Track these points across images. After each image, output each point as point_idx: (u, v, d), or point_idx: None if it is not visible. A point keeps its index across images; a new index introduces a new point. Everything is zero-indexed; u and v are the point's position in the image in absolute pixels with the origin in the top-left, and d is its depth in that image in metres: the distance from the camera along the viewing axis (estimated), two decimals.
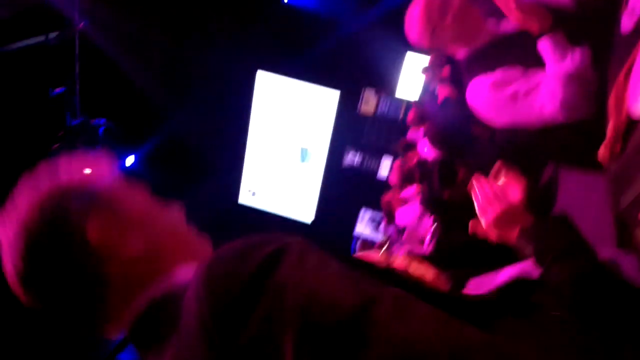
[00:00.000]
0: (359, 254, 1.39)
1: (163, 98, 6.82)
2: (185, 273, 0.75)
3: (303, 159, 7.63)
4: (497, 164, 1.34)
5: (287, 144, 7.61)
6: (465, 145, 3.42)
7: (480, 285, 1.28)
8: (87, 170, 0.84)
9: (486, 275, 1.33)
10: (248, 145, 7.73)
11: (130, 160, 6.99)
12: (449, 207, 3.22)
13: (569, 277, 0.99)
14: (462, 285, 1.32)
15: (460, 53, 1.73)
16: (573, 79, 1.37)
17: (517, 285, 1.15)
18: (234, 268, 0.63)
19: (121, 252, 0.76)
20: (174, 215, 0.88)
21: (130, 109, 6.53)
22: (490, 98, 1.57)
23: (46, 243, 0.74)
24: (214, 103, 7.07)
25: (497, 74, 1.56)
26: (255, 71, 7.27)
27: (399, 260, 1.30)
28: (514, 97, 1.51)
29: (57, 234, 0.75)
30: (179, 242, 0.84)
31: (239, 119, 7.48)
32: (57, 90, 4.73)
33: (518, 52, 1.57)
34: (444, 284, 1.29)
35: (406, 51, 6.42)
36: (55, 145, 5.17)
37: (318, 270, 0.64)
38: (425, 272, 1.28)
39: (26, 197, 0.77)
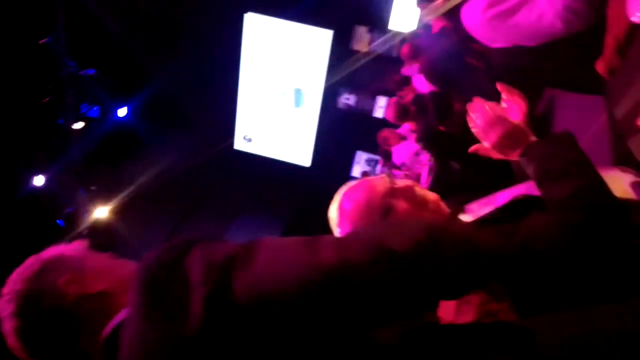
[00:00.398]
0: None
1: (152, 48, 6.67)
2: None
3: (297, 102, 7.56)
4: (497, 86, 1.32)
5: (280, 87, 7.51)
6: (461, 77, 3.38)
7: (480, 208, 1.30)
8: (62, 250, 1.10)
9: (485, 199, 1.35)
10: (240, 91, 7.63)
11: (122, 111, 6.92)
12: (446, 141, 3.22)
13: (571, 195, 1.00)
14: (462, 209, 1.34)
15: None
16: None
17: (516, 204, 1.16)
18: (158, 258, 0.86)
19: (88, 293, 1.02)
20: (128, 265, 1.11)
21: (119, 60, 6.39)
22: (487, 16, 1.53)
23: (36, 304, 1.00)
24: (204, 50, 6.92)
25: None
26: (244, 14, 7.07)
27: (402, 181, 1.32)
28: (511, 11, 1.48)
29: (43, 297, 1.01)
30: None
31: (229, 64, 7.34)
32: (44, 40, 4.61)
33: None
34: (444, 209, 1.31)
35: None
36: (46, 99, 5.10)
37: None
38: (428, 193, 1.31)
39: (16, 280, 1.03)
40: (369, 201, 1.25)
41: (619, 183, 1.13)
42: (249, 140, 8.00)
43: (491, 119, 1.23)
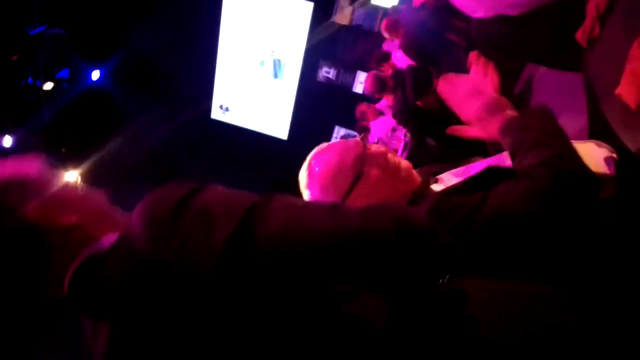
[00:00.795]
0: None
1: (128, 10, 6.45)
2: (110, 239, 0.89)
3: (276, 74, 7.45)
4: (470, 56, 1.30)
5: (259, 57, 7.39)
6: (441, 53, 3.35)
7: (452, 178, 1.29)
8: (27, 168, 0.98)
9: (457, 169, 1.34)
10: (218, 60, 7.48)
11: (95, 74, 6.74)
12: (422, 117, 3.20)
13: (542, 162, 0.99)
14: (434, 179, 1.33)
15: None
16: None
17: (488, 174, 1.15)
18: (163, 196, 0.83)
19: (57, 224, 0.91)
20: (100, 197, 1.03)
21: (93, 22, 6.18)
22: None
23: None
24: (182, 13, 6.74)
25: None
26: None
27: (376, 147, 1.30)
28: None
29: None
30: (104, 216, 0.98)
31: (208, 30, 7.17)
32: None
33: None
34: (415, 177, 1.30)
35: None
36: (15, 57, 4.92)
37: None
38: (401, 161, 1.29)
39: None
40: (340, 165, 1.23)
41: (593, 157, 1.13)
42: (226, 109, 7.88)
43: (469, 91, 1.22)
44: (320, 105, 7.21)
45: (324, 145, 1.33)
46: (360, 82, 6.85)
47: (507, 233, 0.98)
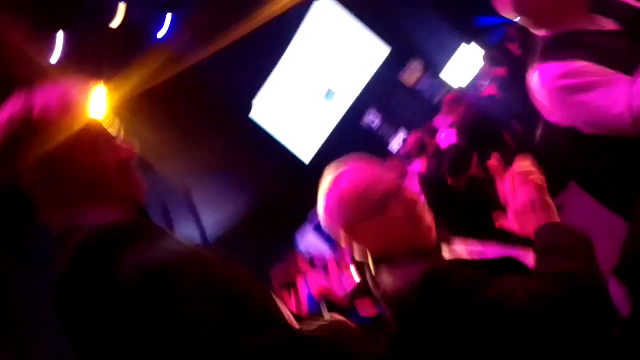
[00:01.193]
0: None
1: None
2: (98, 216, 0.93)
3: (327, 99, 7.48)
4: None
5: (317, 79, 7.43)
6: (489, 144, 3.33)
7: (467, 249, 1.23)
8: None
9: (474, 242, 1.27)
10: (279, 64, 7.49)
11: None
12: (444, 193, 3.17)
13: (566, 273, 0.95)
14: (448, 243, 1.27)
15: (541, 32, 1.61)
16: None
17: (508, 263, 1.10)
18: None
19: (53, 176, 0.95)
20: (114, 157, 1.01)
21: None
22: (559, 84, 1.46)
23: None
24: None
25: (573, 64, 1.44)
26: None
27: (411, 191, 1.25)
28: (587, 87, 1.40)
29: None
30: (106, 182, 0.98)
31: (281, 33, 7.19)
32: None
33: (601, 52, 1.45)
34: (433, 237, 1.23)
35: (462, 42, 6.25)
36: None
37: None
38: (427, 215, 1.23)
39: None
40: (369, 190, 1.18)
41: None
42: (266, 113, 7.85)
43: (512, 189, 1.18)
44: (353, 147, 7.14)
45: (361, 160, 1.28)
46: (399, 143, 6.85)
47: (498, 323, 0.92)
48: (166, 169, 5.88)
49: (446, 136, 4.58)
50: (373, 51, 7.03)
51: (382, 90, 6.97)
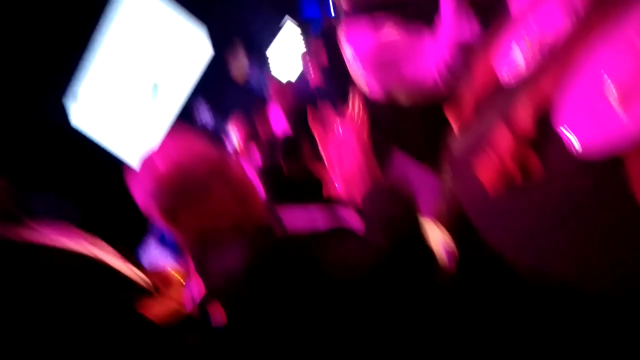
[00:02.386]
0: None
1: None
2: None
3: (153, 95, 7.07)
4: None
5: (139, 74, 6.95)
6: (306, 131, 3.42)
7: (295, 218, 1.20)
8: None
9: (300, 210, 1.25)
10: (95, 62, 6.82)
11: None
12: (283, 181, 3.18)
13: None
14: (277, 212, 1.23)
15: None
16: (464, 48, 1.35)
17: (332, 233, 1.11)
18: None
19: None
20: None
21: None
22: (373, 49, 1.50)
23: None
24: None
25: (384, 29, 1.49)
26: None
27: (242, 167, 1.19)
28: (396, 48, 1.46)
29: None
30: None
31: (92, 27, 6.56)
32: None
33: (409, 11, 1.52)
34: (261, 212, 1.19)
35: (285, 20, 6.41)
36: None
37: None
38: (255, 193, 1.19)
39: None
40: (192, 171, 1.08)
41: (435, 238, 1.14)
42: (86, 116, 7.13)
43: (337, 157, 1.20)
44: None
45: (178, 136, 1.17)
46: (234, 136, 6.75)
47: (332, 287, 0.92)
48: None
49: (277, 125, 4.62)
50: (193, 38, 6.77)
51: (212, 88, 6.82)
